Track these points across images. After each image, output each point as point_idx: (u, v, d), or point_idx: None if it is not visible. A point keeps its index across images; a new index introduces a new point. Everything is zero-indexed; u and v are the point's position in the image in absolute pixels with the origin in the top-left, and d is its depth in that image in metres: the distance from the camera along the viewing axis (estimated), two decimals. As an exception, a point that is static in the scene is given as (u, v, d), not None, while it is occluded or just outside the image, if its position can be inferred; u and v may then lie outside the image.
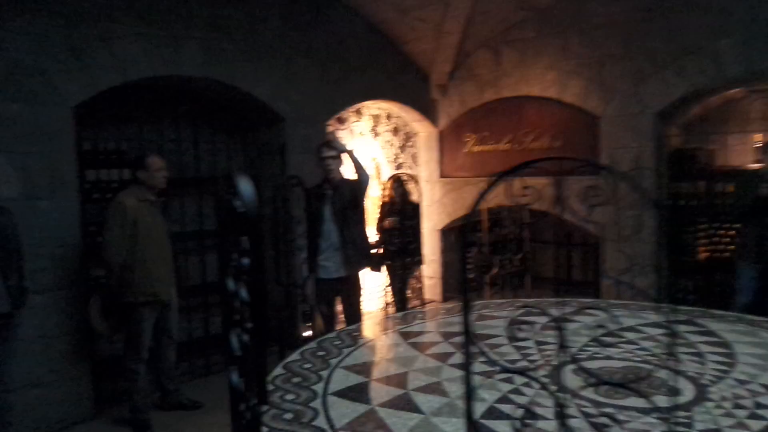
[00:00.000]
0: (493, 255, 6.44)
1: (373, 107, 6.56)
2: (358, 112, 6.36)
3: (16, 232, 3.32)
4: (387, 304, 5.57)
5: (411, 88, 6.60)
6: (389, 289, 5.86)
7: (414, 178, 5.98)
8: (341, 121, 6.22)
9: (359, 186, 3.92)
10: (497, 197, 6.00)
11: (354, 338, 2.95)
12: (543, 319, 3.15)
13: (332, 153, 3.90)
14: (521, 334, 2.89)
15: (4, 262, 3.20)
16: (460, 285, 7.56)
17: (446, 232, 7.23)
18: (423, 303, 7.13)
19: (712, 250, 5.84)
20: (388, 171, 6.79)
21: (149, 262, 3.59)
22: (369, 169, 6.75)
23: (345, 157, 4.00)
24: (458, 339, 2.84)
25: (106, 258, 3.66)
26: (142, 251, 3.58)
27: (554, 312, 3.32)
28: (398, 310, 5.57)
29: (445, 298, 7.25)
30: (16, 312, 3.26)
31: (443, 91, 6.88)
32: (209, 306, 4.88)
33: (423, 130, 7.17)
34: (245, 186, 1.26)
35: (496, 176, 1.27)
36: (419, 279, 7.24)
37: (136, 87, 4.34)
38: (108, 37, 3.99)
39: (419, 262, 6.15)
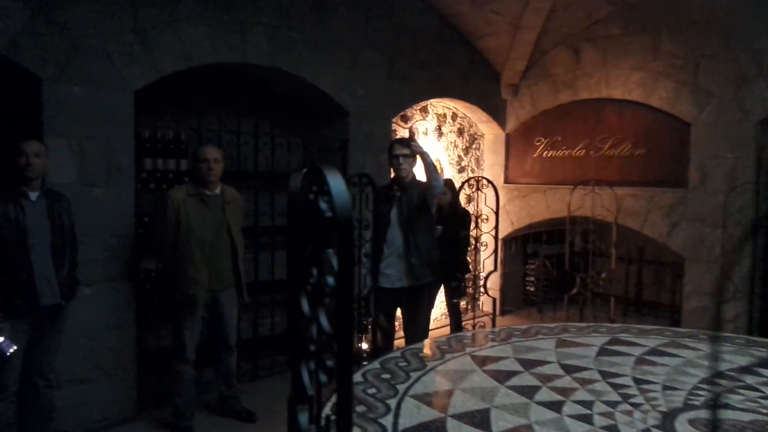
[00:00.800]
0: (574, 271, 5.92)
1: (438, 106, 6.22)
2: (423, 111, 6.04)
3: (72, 220, 3.16)
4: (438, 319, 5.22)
5: (480, 87, 6.22)
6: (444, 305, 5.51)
7: (480, 182, 5.57)
8: (405, 119, 5.91)
9: (430, 190, 3.60)
10: (565, 207, 5.52)
11: (421, 360, 2.60)
12: (636, 350, 2.75)
13: (405, 151, 3.58)
14: (614, 369, 2.49)
15: (57, 251, 3.04)
16: (524, 298, 7.12)
17: (508, 242, 6.80)
18: (478, 315, 6.72)
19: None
20: (451, 174, 6.43)
21: (188, 261, 3.35)
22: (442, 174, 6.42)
23: (418, 158, 3.67)
24: (542, 369, 2.47)
25: (154, 252, 3.50)
26: (182, 250, 3.36)
27: (647, 342, 2.91)
28: (452, 330, 5.19)
29: (504, 312, 6.83)
30: (65, 304, 3.11)
31: (514, 92, 6.47)
32: (260, 306, 4.66)
33: (489, 132, 6.78)
34: (336, 183, 0.95)
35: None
36: (477, 291, 6.84)
37: (197, 74, 4.17)
38: (173, 20, 3.82)
39: (461, 282, 5.29)
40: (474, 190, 4.84)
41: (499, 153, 6.72)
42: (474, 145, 6.74)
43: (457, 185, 5.55)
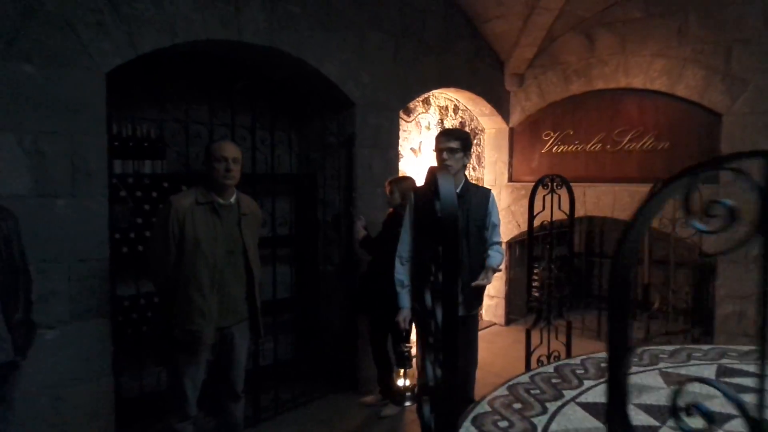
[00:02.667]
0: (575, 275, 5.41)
1: (440, 97, 5.60)
2: (426, 102, 5.40)
3: (21, 245, 2.33)
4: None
5: (485, 76, 5.65)
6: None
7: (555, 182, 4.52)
8: (408, 111, 5.25)
9: (489, 198, 2.98)
10: (580, 206, 5.01)
11: (602, 370, 2.24)
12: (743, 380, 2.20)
13: (453, 144, 2.91)
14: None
15: (4, 289, 2.22)
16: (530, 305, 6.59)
17: (512, 245, 6.27)
18: (484, 327, 6.17)
19: None
20: (453, 172, 5.82)
21: (193, 288, 2.57)
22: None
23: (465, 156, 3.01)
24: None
25: (150, 277, 2.72)
26: (186, 273, 2.58)
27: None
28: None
29: (508, 321, 6.30)
30: (20, 359, 2.29)
31: (519, 82, 5.93)
32: (276, 327, 3.89)
33: (491, 127, 6.21)
34: (444, 185, 1.06)
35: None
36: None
37: (184, 55, 3.37)
38: (153, -16, 3.01)
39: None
40: (548, 191, 4.17)
41: (502, 149, 6.17)
42: (475, 141, 6.16)
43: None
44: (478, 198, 2.97)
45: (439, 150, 2.93)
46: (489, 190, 3.04)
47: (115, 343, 3.02)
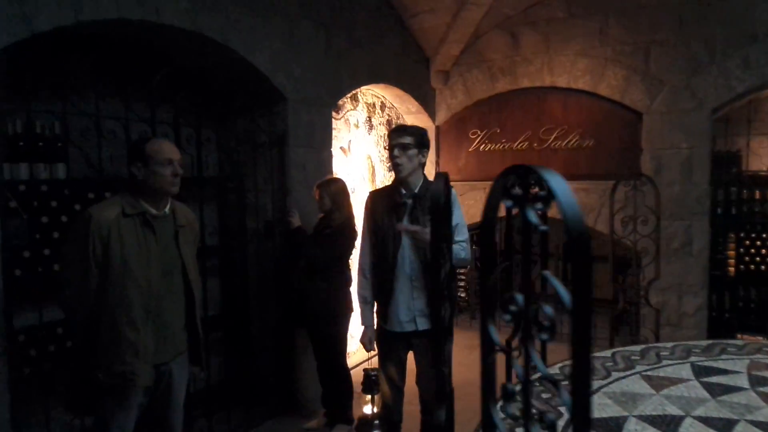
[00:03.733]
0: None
1: (367, 94, 5.33)
2: (354, 99, 5.11)
3: None
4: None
5: (412, 73, 5.47)
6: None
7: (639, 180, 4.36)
8: (337, 108, 4.92)
9: (449, 196, 2.76)
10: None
11: (631, 362, 2.27)
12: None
13: (404, 140, 2.65)
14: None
15: None
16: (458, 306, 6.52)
17: (441, 245, 6.15)
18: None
19: (749, 263, 5.33)
20: (382, 174, 5.60)
21: (123, 318, 2.11)
22: (359, 172, 5.52)
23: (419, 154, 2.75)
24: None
25: (63, 307, 2.20)
26: (115, 299, 2.11)
27: None
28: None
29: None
30: None
31: (444, 79, 5.82)
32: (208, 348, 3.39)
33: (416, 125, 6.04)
34: (562, 188, 0.72)
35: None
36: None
37: (93, 38, 2.82)
38: (50, -53, 2.45)
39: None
40: (630, 188, 4.02)
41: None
42: (401, 140, 5.96)
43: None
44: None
45: (390, 147, 2.67)
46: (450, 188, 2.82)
47: (12, 389, 2.44)
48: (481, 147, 5.77)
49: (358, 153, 5.18)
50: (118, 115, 2.85)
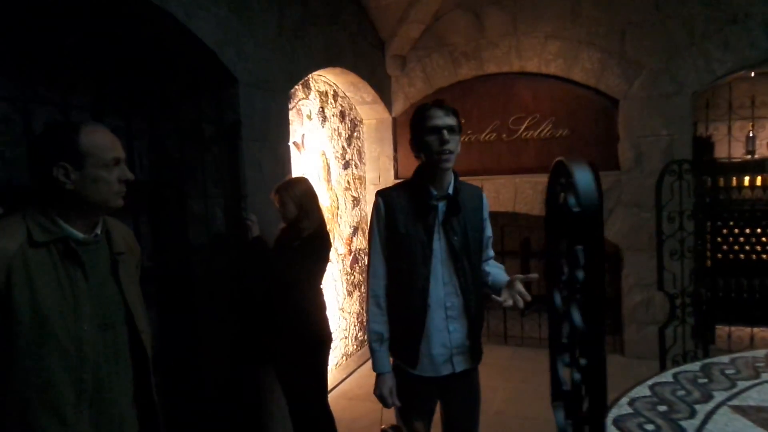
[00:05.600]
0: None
1: (319, 81, 4.63)
2: (306, 86, 4.39)
3: None
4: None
5: (368, 57, 4.83)
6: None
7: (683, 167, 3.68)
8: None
9: (483, 200, 2.15)
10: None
11: (756, 370, 1.95)
12: None
13: (451, 121, 2.01)
14: None
15: None
16: None
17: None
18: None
19: (727, 252, 5.18)
20: (336, 171, 4.91)
21: (41, 404, 1.33)
22: (314, 169, 4.80)
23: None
24: None
25: None
26: (24, 378, 1.33)
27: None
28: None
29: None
30: None
31: (402, 65, 5.23)
32: None
33: (371, 117, 5.41)
34: (582, 177, 0.84)
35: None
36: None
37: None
38: None
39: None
40: (677, 178, 3.39)
41: (386, 142, 5.42)
42: (355, 134, 5.31)
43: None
44: (472, 201, 2.12)
45: (431, 129, 1.97)
46: (480, 189, 2.21)
47: None
48: (444, 140, 5.22)
49: (312, 149, 4.47)
50: (13, 95, 1.99)
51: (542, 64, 4.83)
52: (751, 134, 5.82)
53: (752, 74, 4.97)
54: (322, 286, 3.00)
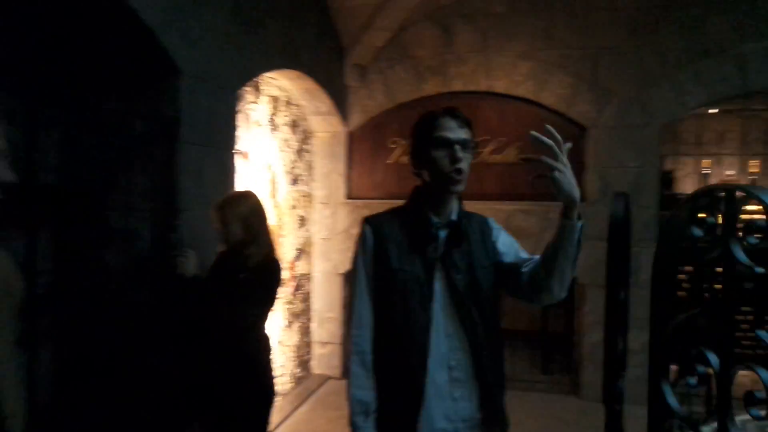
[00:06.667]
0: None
1: (271, 85, 4.11)
2: (255, 89, 3.86)
3: None
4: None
5: (326, 63, 4.38)
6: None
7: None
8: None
9: (491, 227, 1.71)
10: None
11: None
12: None
13: (466, 135, 1.58)
14: None
15: None
16: None
17: (350, 278, 5.07)
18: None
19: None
20: (285, 188, 4.39)
21: None
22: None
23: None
24: None
25: None
26: None
27: None
28: None
29: (346, 371, 5.05)
30: None
31: (362, 76, 4.81)
32: None
33: (324, 129, 4.94)
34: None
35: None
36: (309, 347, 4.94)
37: None
38: None
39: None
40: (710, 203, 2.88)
41: (338, 158, 4.94)
42: (306, 146, 4.81)
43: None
44: (478, 231, 1.69)
45: (440, 142, 1.53)
46: (485, 219, 1.77)
47: None
48: (402, 159, 4.83)
49: (259, 160, 3.94)
50: None
51: (511, 85, 4.56)
52: (703, 171, 5.82)
53: (710, 111, 4.92)
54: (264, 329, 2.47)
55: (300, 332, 4.70)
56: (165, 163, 2.56)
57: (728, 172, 5.36)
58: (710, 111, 5.11)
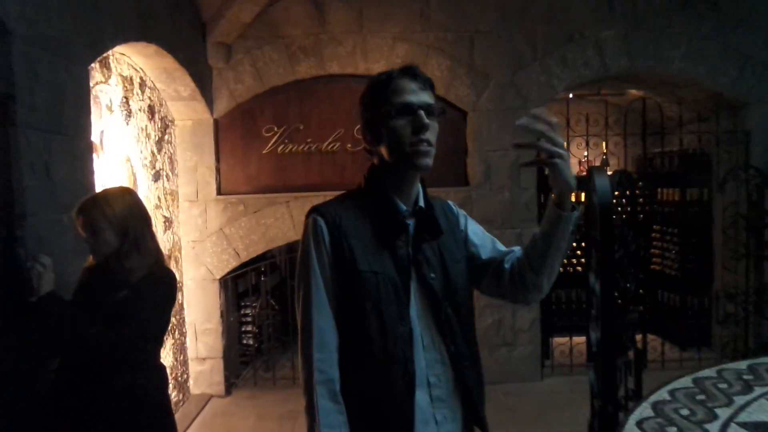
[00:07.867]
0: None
1: (123, 62, 3.46)
2: (105, 67, 3.20)
3: None
4: None
5: (186, 39, 3.82)
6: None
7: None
8: (80, 76, 2.96)
9: (453, 210, 1.46)
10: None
11: (746, 384, 1.77)
12: None
13: (430, 98, 1.29)
14: None
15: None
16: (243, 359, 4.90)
17: (226, 282, 4.57)
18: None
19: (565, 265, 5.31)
20: (146, 183, 3.76)
21: None
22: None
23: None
24: None
25: None
26: None
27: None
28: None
29: (230, 389, 4.56)
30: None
31: (226, 56, 4.30)
32: None
33: (186, 117, 4.34)
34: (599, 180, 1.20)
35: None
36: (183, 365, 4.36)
37: None
38: None
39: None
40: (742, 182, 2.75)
41: (205, 149, 4.38)
42: (166, 137, 4.18)
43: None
44: (444, 219, 1.43)
45: (400, 108, 1.26)
46: (447, 203, 1.52)
47: None
48: (279, 148, 4.43)
49: (114, 152, 3.29)
50: None
51: (390, 67, 4.37)
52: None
53: (570, 96, 5.23)
54: (159, 356, 2.00)
55: (174, 350, 4.10)
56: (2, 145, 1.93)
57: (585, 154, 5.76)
58: (572, 95, 5.43)
